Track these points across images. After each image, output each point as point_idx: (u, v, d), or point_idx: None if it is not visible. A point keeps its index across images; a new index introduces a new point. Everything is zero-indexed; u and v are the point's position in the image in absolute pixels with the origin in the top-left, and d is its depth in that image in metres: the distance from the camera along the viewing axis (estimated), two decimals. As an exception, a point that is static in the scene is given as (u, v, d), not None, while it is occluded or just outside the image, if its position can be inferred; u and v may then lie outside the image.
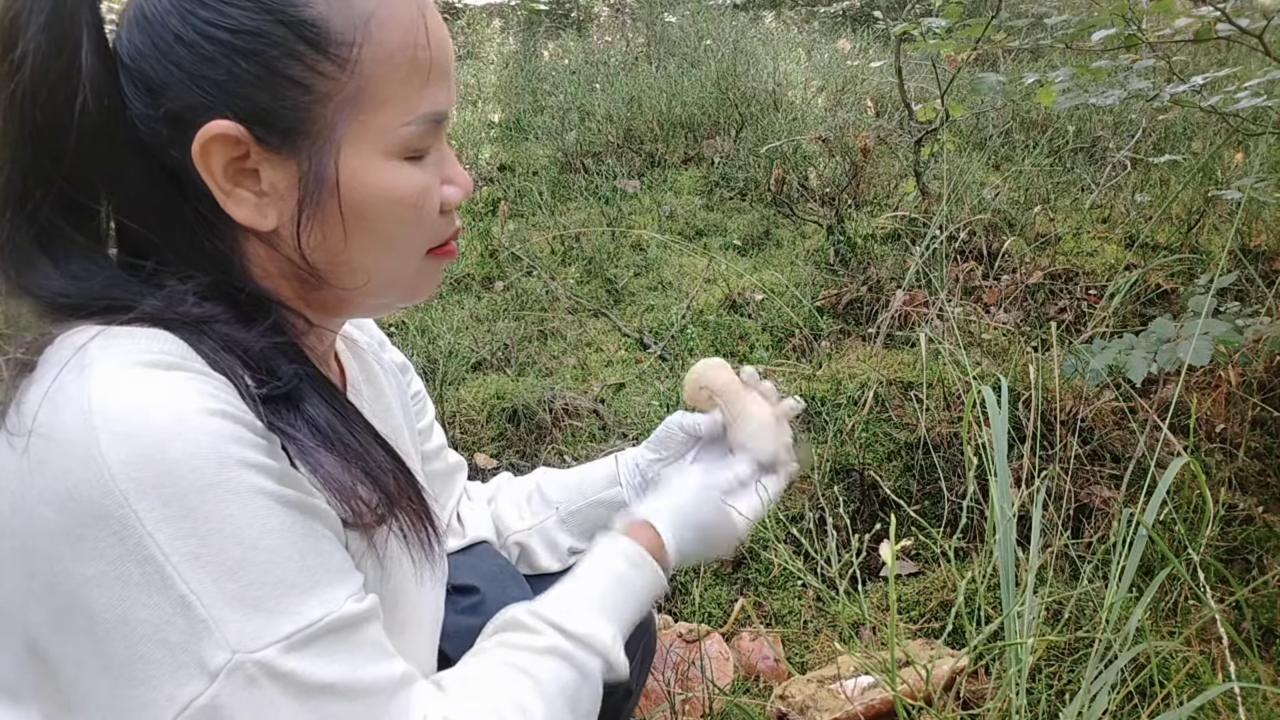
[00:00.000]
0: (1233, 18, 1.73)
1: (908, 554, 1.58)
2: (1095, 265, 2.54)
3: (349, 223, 0.58)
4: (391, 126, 0.57)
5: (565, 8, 7.00)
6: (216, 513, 0.48)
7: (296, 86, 0.54)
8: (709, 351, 2.38)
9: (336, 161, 0.56)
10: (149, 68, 0.54)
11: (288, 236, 0.58)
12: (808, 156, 3.54)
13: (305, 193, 0.56)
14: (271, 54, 0.54)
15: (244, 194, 0.56)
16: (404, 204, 0.59)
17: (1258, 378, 1.74)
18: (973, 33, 2.30)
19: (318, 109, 0.55)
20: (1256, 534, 1.54)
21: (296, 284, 0.61)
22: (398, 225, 0.60)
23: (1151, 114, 3.32)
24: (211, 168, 0.54)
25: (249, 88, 0.54)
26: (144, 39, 0.54)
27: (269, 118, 0.54)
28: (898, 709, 0.97)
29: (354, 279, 0.61)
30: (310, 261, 0.59)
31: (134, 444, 0.46)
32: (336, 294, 0.61)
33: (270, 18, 0.53)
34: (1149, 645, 1.04)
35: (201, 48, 0.53)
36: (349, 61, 0.55)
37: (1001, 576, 0.98)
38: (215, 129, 0.53)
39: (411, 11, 0.57)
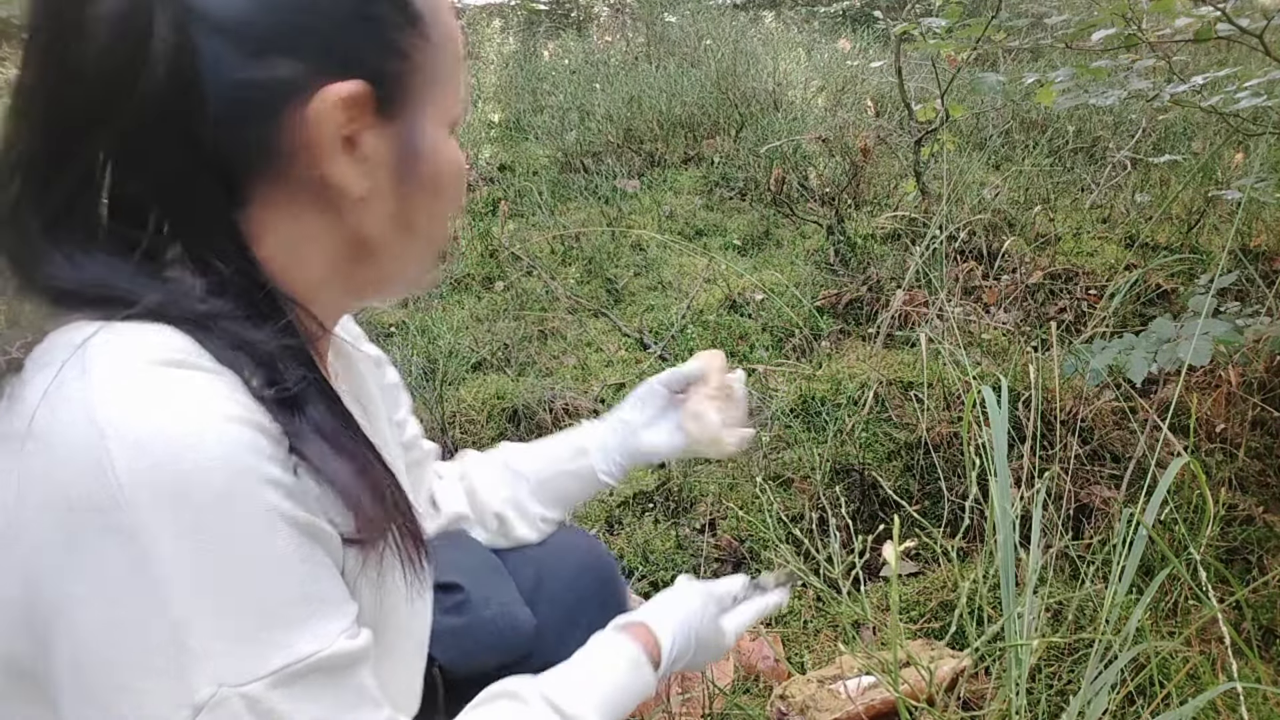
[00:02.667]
0: (1233, 18, 1.73)
1: (908, 554, 1.58)
2: (1095, 265, 2.54)
3: (428, 191, 0.60)
4: (450, 102, 0.61)
5: (565, 8, 7.00)
6: (228, 532, 0.46)
7: (400, 56, 0.56)
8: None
9: (424, 131, 0.59)
10: (266, 27, 0.52)
11: (363, 208, 0.58)
12: (808, 156, 3.54)
13: (402, 159, 0.58)
14: (384, 21, 0.56)
15: (344, 159, 0.55)
16: (461, 175, 0.63)
17: (1258, 378, 1.74)
18: (973, 33, 2.30)
19: (414, 79, 0.58)
20: (1256, 534, 1.54)
21: (335, 265, 0.59)
22: (456, 195, 0.63)
23: (1151, 114, 3.32)
24: (325, 131, 0.53)
25: (371, 55, 0.55)
26: (265, 5, 0.52)
27: (385, 82, 0.55)
28: (900, 710, 0.97)
29: (405, 253, 0.62)
30: (372, 235, 0.59)
31: (145, 451, 0.44)
32: (378, 272, 0.62)
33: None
34: (1149, 645, 1.04)
35: (327, 11, 0.53)
36: (429, 38, 0.58)
37: (1002, 577, 0.98)
38: (346, 89, 0.53)
39: (451, 4, 0.62)
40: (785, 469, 1.84)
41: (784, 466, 1.85)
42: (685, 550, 1.65)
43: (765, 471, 1.82)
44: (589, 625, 0.81)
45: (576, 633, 0.78)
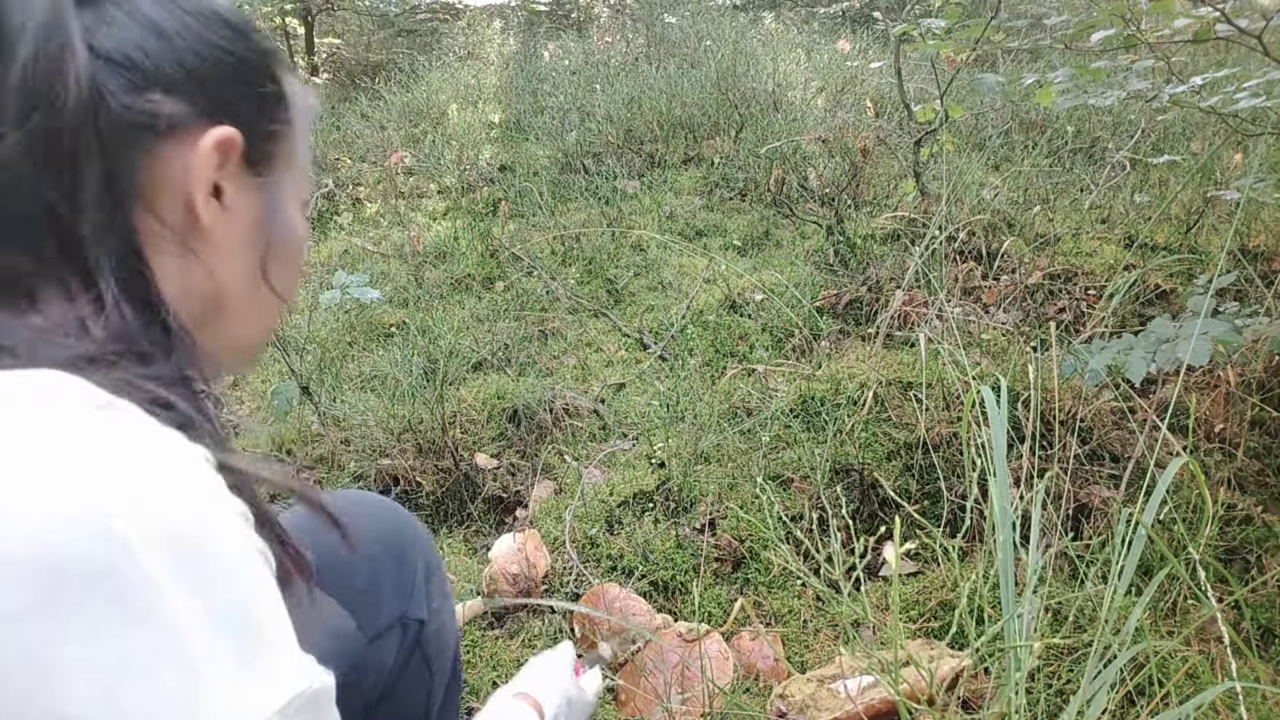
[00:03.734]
0: (1232, 18, 1.73)
1: (908, 554, 1.59)
2: (1094, 265, 2.54)
3: (280, 255, 0.63)
4: (302, 186, 0.65)
5: (565, 8, 7.00)
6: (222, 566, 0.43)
7: (273, 122, 0.61)
8: (708, 352, 2.38)
9: (284, 197, 0.62)
10: (155, 67, 0.54)
11: (220, 258, 0.58)
12: (807, 157, 3.55)
13: (263, 218, 0.61)
14: (261, 90, 0.60)
15: (213, 203, 0.57)
16: (304, 249, 0.67)
17: (1257, 378, 1.74)
18: (972, 33, 2.30)
19: (281, 143, 0.62)
20: (1255, 534, 1.54)
21: (192, 320, 0.58)
22: (299, 267, 0.67)
23: (1150, 114, 3.32)
24: (198, 170, 0.55)
25: (248, 110, 0.58)
26: (158, 46, 0.54)
27: (256, 141, 0.59)
28: (900, 710, 0.97)
29: (249, 315, 0.63)
30: (224, 288, 0.59)
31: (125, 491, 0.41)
32: (218, 331, 0.61)
33: (263, 63, 0.60)
34: (1148, 645, 1.04)
35: (220, 68, 0.57)
36: (292, 122, 0.62)
37: (1001, 577, 0.98)
38: (224, 134, 0.56)
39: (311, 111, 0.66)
40: (785, 469, 1.84)
41: (784, 466, 1.85)
42: (685, 550, 1.65)
43: (765, 471, 1.82)
44: (382, 586, 0.92)
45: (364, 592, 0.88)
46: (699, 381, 2.19)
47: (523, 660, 1.42)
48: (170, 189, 0.55)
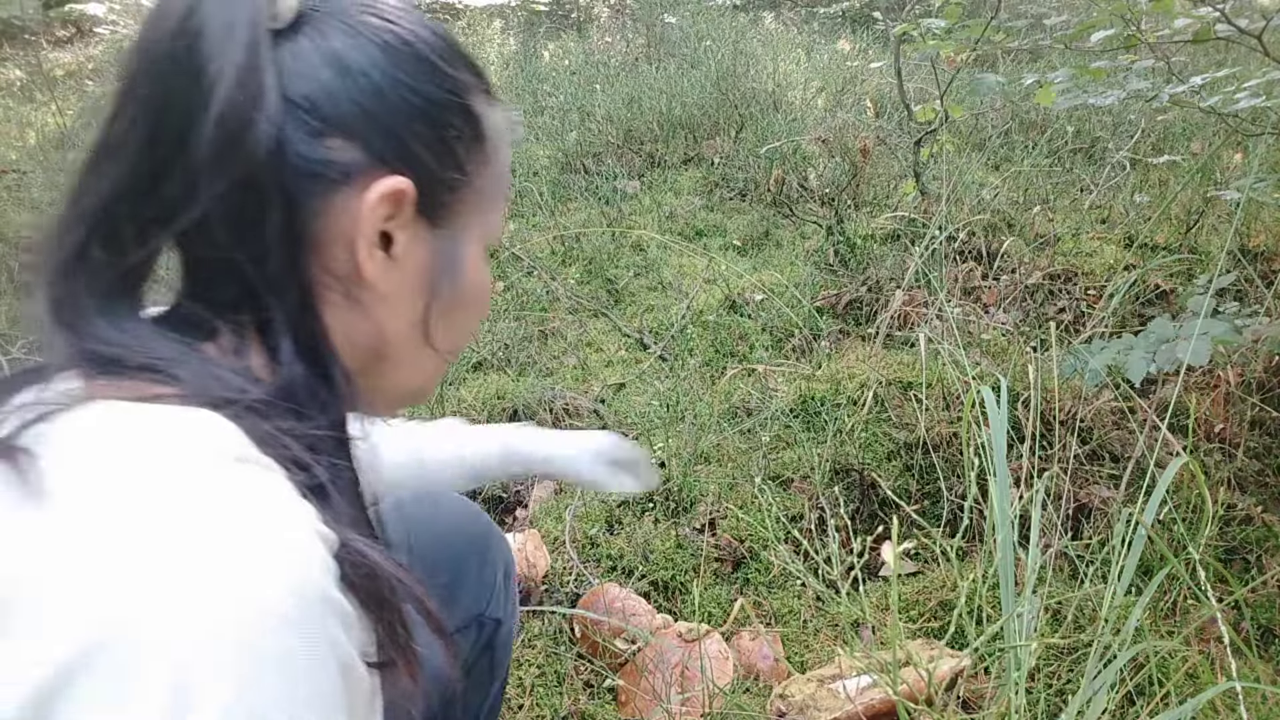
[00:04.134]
0: (1232, 18, 1.73)
1: (907, 554, 1.58)
2: (1094, 265, 2.54)
3: (453, 306, 0.60)
4: (493, 225, 0.62)
5: (565, 9, 7.00)
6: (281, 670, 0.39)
7: (458, 169, 0.57)
8: (708, 352, 2.38)
9: (464, 247, 0.59)
10: (336, 110, 0.51)
11: (385, 308, 0.56)
12: (807, 157, 3.55)
13: (439, 267, 0.58)
14: (451, 135, 0.56)
15: (378, 254, 0.54)
16: (488, 296, 0.65)
17: (1256, 378, 1.74)
18: (972, 33, 2.30)
19: (466, 194, 0.58)
20: (1255, 534, 1.54)
21: (353, 366, 0.56)
22: (479, 316, 0.64)
23: (1150, 114, 3.32)
24: (365, 221, 0.53)
25: (428, 156, 0.55)
26: (339, 83, 0.52)
27: (432, 187, 0.55)
28: (899, 711, 0.97)
29: (414, 364, 0.61)
30: (389, 339, 0.57)
31: (203, 562, 0.38)
32: (382, 380, 0.60)
33: (456, 101, 0.56)
34: (1148, 645, 1.04)
35: (402, 110, 0.53)
36: (489, 163, 0.59)
37: (1001, 576, 0.98)
38: (395, 184, 0.53)
39: (513, 136, 0.63)
40: (785, 469, 1.84)
41: (783, 466, 1.85)
42: (685, 550, 1.65)
43: (765, 471, 1.82)
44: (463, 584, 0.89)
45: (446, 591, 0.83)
46: (699, 381, 2.19)
47: (521, 661, 1.42)
48: (340, 239, 0.53)
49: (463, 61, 0.58)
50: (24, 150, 4.24)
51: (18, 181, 3.67)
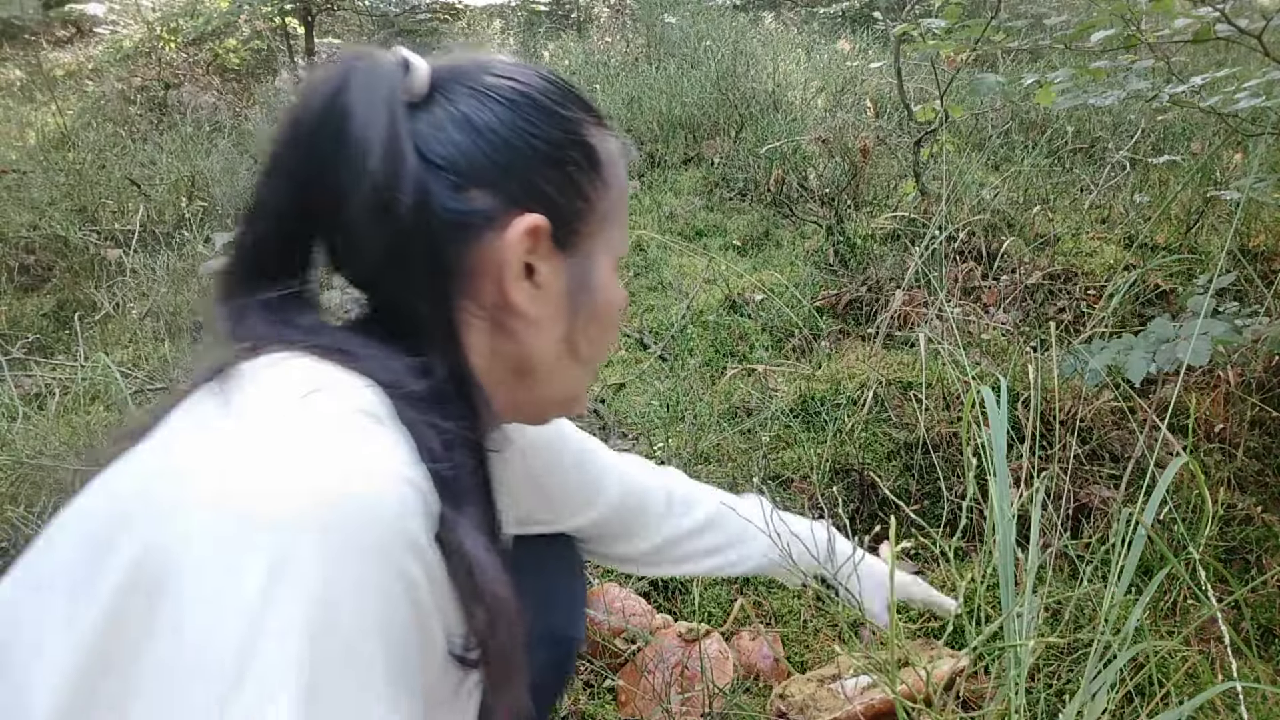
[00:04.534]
0: (1232, 18, 1.73)
1: (907, 554, 1.58)
2: (1094, 265, 2.54)
3: (592, 321, 0.67)
4: (618, 241, 0.69)
5: (565, 8, 7.00)
6: (358, 587, 0.46)
7: (582, 199, 0.65)
8: (708, 352, 2.38)
9: (595, 265, 0.67)
10: (471, 166, 0.60)
11: (533, 331, 0.64)
12: (807, 157, 3.55)
13: (577, 288, 0.66)
14: (572, 169, 0.64)
15: (524, 284, 0.62)
16: (620, 311, 0.71)
17: (1256, 378, 1.74)
18: (972, 33, 2.30)
19: (591, 220, 0.65)
20: (1255, 534, 1.54)
21: (500, 381, 0.65)
22: (615, 327, 0.71)
23: (1150, 114, 3.32)
24: (511, 256, 0.60)
25: (556, 194, 0.63)
26: (470, 142, 0.60)
27: (562, 218, 0.63)
28: (898, 710, 0.97)
29: (562, 378, 0.68)
30: (536, 357, 0.65)
31: (329, 483, 0.47)
32: (533, 393, 0.68)
33: (573, 138, 0.64)
34: (1148, 645, 1.04)
35: (528, 155, 0.61)
36: (608, 183, 0.67)
37: (1001, 576, 0.98)
38: (532, 221, 0.60)
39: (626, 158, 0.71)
40: (784, 469, 1.84)
41: (783, 466, 1.85)
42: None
43: (765, 471, 1.82)
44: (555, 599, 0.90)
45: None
46: (699, 381, 2.19)
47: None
48: (487, 274, 0.61)
49: (574, 99, 0.65)
50: (24, 150, 4.24)
51: (18, 181, 3.68)
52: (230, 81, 5.70)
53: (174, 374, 2.43)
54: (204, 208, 3.50)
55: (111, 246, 3.21)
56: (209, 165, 3.70)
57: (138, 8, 6.47)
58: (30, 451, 1.95)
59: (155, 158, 3.82)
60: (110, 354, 2.49)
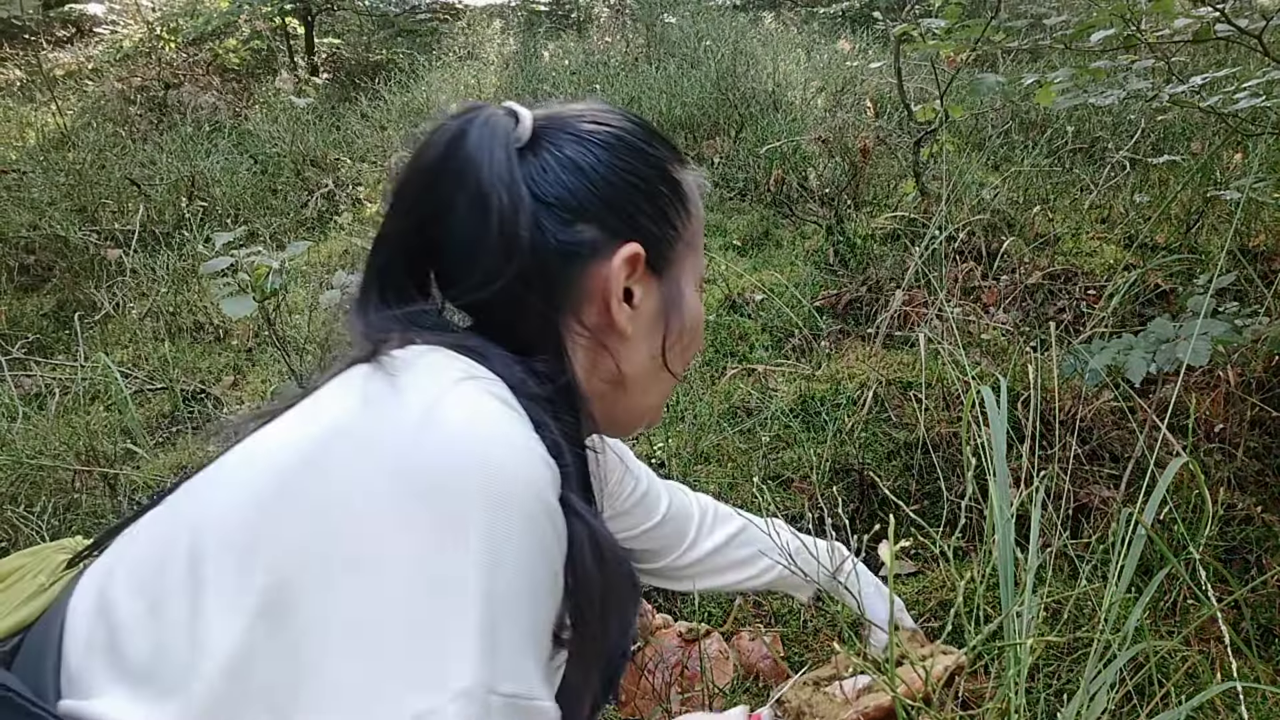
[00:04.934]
0: (1232, 18, 1.73)
1: (907, 554, 1.58)
2: (1094, 265, 2.54)
3: (680, 337, 0.75)
4: (700, 265, 0.77)
5: (565, 8, 7.00)
6: (523, 548, 0.53)
7: (671, 228, 0.73)
8: (708, 352, 2.38)
9: (682, 288, 0.74)
10: (579, 202, 0.68)
11: (629, 348, 0.72)
12: (807, 157, 3.54)
13: (668, 307, 0.73)
14: (663, 202, 0.72)
15: (624, 306, 0.70)
16: (703, 327, 0.79)
17: (1256, 378, 1.74)
18: (972, 33, 2.30)
19: (678, 247, 0.73)
20: (1255, 534, 1.54)
21: (598, 392, 0.73)
22: (699, 341, 0.80)
23: (1150, 114, 3.32)
24: (613, 282, 0.68)
25: (650, 224, 0.71)
26: (577, 182, 0.68)
27: (657, 247, 0.71)
28: (897, 709, 0.97)
29: (651, 389, 0.76)
30: (630, 371, 0.73)
31: (496, 456, 0.54)
32: (626, 403, 0.75)
33: (662, 174, 0.72)
34: (1148, 644, 1.04)
35: (626, 192, 0.69)
36: (691, 214, 0.75)
37: (1000, 576, 0.98)
38: (632, 250, 0.69)
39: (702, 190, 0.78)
40: (784, 469, 1.84)
41: (783, 466, 1.85)
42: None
43: (765, 471, 1.82)
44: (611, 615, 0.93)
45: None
46: (699, 381, 2.19)
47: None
48: (592, 298, 0.69)
49: (659, 139, 0.74)
50: (24, 150, 4.24)
51: (18, 181, 3.67)
52: (230, 81, 5.70)
53: (174, 373, 2.43)
54: (204, 208, 3.50)
55: (111, 246, 3.21)
56: (209, 165, 3.70)
57: (137, 8, 6.47)
58: (30, 451, 1.95)
59: (155, 158, 3.82)
60: (110, 354, 2.49)
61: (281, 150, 4.08)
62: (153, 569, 0.59)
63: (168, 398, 2.37)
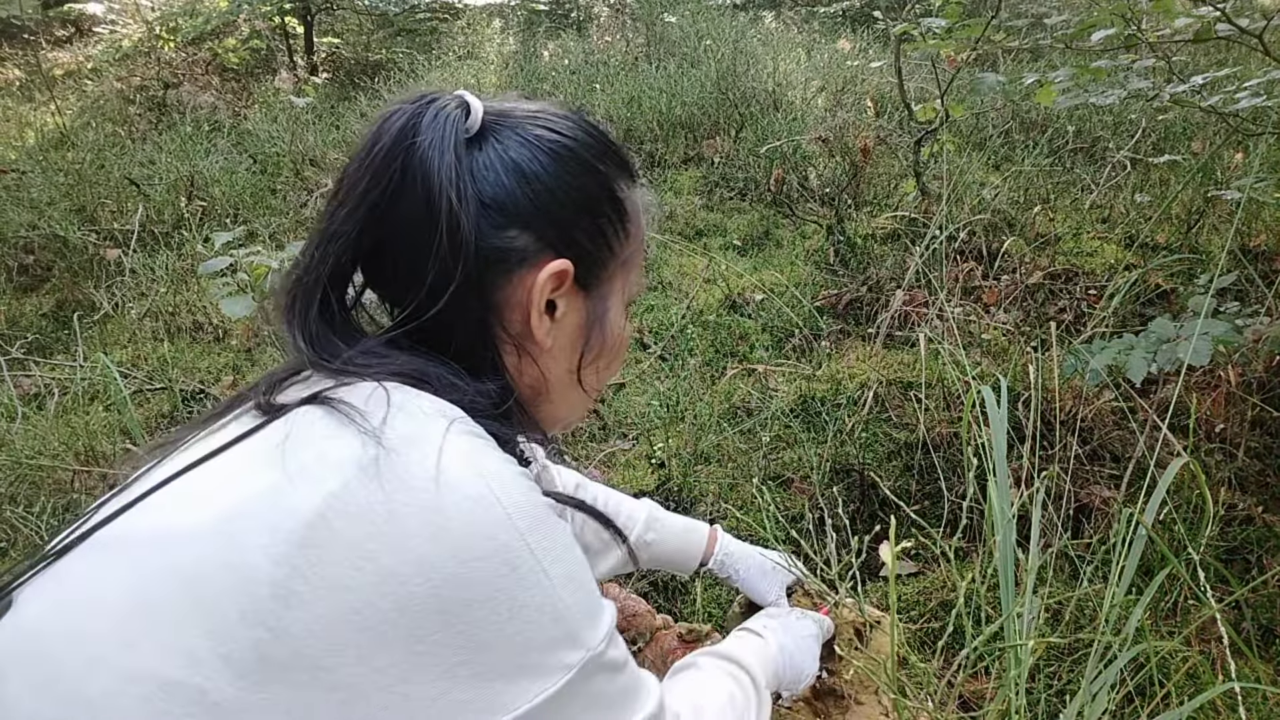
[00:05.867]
0: (1232, 18, 1.73)
1: (907, 554, 1.58)
2: (1095, 265, 2.54)
3: (601, 354, 0.75)
4: (634, 285, 0.77)
5: (565, 8, 6.99)
6: (563, 545, 0.59)
7: (607, 247, 0.72)
8: (708, 352, 2.38)
9: (609, 306, 0.74)
10: (515, 208, 0.66)
11: (548, 358, 0.71)
12: (808, 157, 3.54)
13: (590, 325, 0.73)
14: (602, 221, 0.71)
15: (545, 318, 0.69)
16: (625, 346, 0.79)
17: (1257, 377, 1.74)
18: (972, 33, 2.30)
19: (611, 266, 0.73)
20: (1256, 534, 1.54)
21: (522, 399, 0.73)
22: (619, 360, 0.79)
23: (1151, 114, 3.32)
24: (536, 294, 0.67)
25: (585, 241, 0.70)
26: (517, 187, 0.66)
27: (587, 264, 0.70)
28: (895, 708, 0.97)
29: (568, 400, 0.76)
30: (549, 381, 0.73)
31: (515, 496, 0.57)
32: (542, 412, 0.76)
33: (607, 193, 0.71)
34: (1148, 645, 1.04)
35: (565, 205, 0.68)
36: (630, 234, 0.74)
37: (1001, 576, 0.97)
38: (559, 265, 0.67)
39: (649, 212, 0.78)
40: (785, 469, 1.84)
41: (783, 467, 1.85)
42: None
43: (764, 472, 1.82)
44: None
45: None
46: (699, 381, 2.19)
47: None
48: (517, 307, 0.68)
49: (611, 155, 0.72)
50: (23, 150, 4.24)
51: (17, 181, 3.67)
52: (229, 81, 5.70)
53: (173, 373, 2.43)
54: (203, 207, 3.50)
55: (110, 246, 3.20)
56: (208, 165, 3.70)
57: (137, 7, 6.47)
58: (29, 451, 1.94)
59: (154, 157, 3.82)
60: (109, 354, 2.49)
61: (281, 150, 4.07)
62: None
63: (167, 398, 2.36)
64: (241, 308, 1.79)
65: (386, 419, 0.58)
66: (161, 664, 0.51)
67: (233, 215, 3.49)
